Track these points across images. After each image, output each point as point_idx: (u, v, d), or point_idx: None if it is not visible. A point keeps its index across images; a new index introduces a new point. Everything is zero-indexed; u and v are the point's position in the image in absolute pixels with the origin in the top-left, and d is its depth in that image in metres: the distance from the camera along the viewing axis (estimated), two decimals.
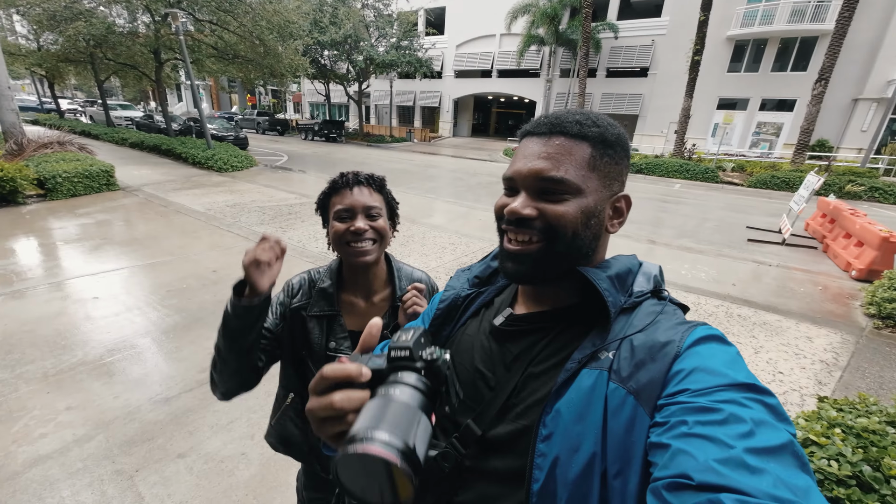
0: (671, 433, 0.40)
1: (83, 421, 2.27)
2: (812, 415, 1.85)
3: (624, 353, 0.50)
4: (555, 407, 0.51)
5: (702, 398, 0.41)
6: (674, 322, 0.51)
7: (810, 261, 5.99)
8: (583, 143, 0.55)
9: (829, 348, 3.50)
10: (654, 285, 0.59)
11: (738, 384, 0.41)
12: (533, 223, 0.55)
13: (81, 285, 3.98)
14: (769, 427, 0.37)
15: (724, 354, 0.46)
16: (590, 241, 0.57)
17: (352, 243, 0.98)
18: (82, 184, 7.50)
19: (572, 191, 0.54)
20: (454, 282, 0.75)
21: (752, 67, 18.27)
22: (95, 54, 13.71)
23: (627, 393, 0.47)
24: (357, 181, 1.01)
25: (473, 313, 0.70)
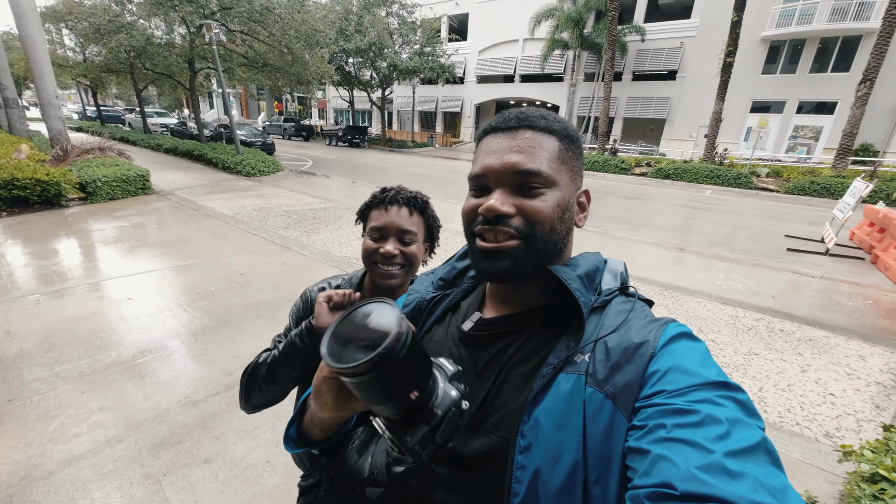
0: (650, 437, 0.40)
1: (115, 421, 2.31)
2: (879, 445, 1.68)
3: (599, 356, 0.49)
4: (532, 415, 0.49)
5: (678, 399, 0.41)
6: (645, 320, 0.51)
7: (858, 272, 5.61)
8: (550, 136, 0.55)
9: (886, 369, 3.23)
10: (620, 282, 0.59)
11: (711, 383, 0.42)
12: (510, 221, 0.52)
13: (117, 286, 4.12)
14: (743, 426, 0.38)
15: (695, 352, 0.46)
16: (564, 236, 0.56)
17: (379, 264, 0.95)
18: (120, 188, 7.84)
19: (549, 184, 0.53)
20: (417, 285, 0.72)
21: (789, 69, 17.50)
22: (135, 64, 14.45)
23: (605, 397, 0.46)
24: (396, 200, 0.97)
25: (439, 318, 0.66)
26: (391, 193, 0.97)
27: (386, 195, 0.97)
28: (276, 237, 5.92)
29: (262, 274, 4.56)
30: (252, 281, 4.36)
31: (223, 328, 3.40)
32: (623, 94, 21.61)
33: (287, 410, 2.43)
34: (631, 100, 21.61)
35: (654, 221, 8.08)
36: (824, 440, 2.41)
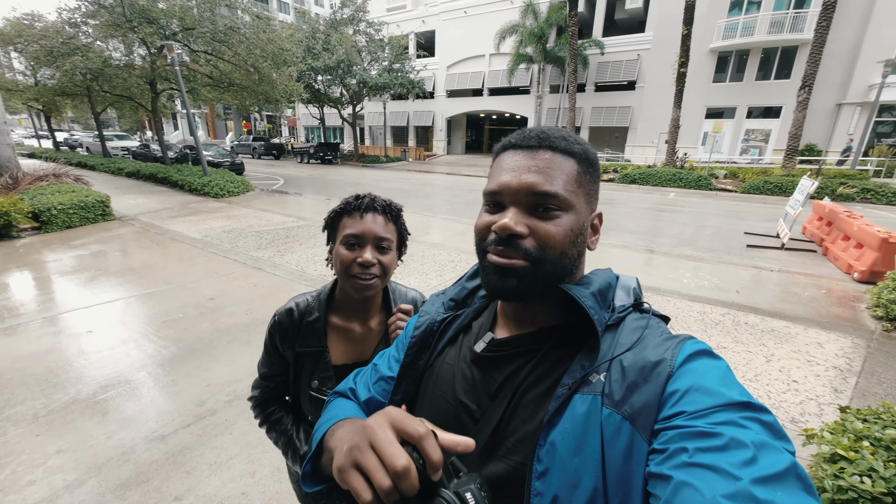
0: (671, 462, 0.38)
1: (74, 464, 2.16)
2: (837, 427, 1.78)
3: (615, 375, 0.47)
4: (549, 439, 0.47)
5: (699, 421, 0.39)
6: (661, 338, 0.49)
7: (811, 264, 5.97)
8: (570, 158, 0.54)
9: (841, 353, 3.43)
10: (634, 298, 0.58)
11: (734, 403, 0.40)
12: (522, 242, 0.52)
13: (75, 319, 3.89)
14: (770, 450, 0.36)
15: (716, 370, 0.44)
16: (575, 260, 0.55)
17: (356, 275, 0.93)
18: (77, 215, 7.46)
19: (564, 207, 0.52)
20: (428, 307, 0.70)
21: (737, 77, 18.72)
22: (92, 87, 13.91)
23: (623, 418, 0.44)
24: (373, 207, 0.94)
25: (451, 339, 0.65)
26: (366, 200, 0.95)
27: (361, 202, 0.94)
28: (247, 258, 5.76)
29: (234, 297, 4.42)
30: (223, 305, 4.21)
31: (192, 356, 3.25)
32: (587, 104, 22.49)
33: (263, 437, 2.34)
34: (595, 109, 22.50)
35: (624, 225, 8.36)
36: (790, 426, 2.53)
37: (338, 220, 0.96)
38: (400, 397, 0.64)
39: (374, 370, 0.71)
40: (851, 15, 15.66)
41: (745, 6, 17.70)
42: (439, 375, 0.62)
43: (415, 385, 0.65)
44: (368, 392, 0.68)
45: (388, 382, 0.67)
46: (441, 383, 0.61)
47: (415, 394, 0.65)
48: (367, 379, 0.71)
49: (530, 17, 20.48)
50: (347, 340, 1.02)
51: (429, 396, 0.62)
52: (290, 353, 1.01)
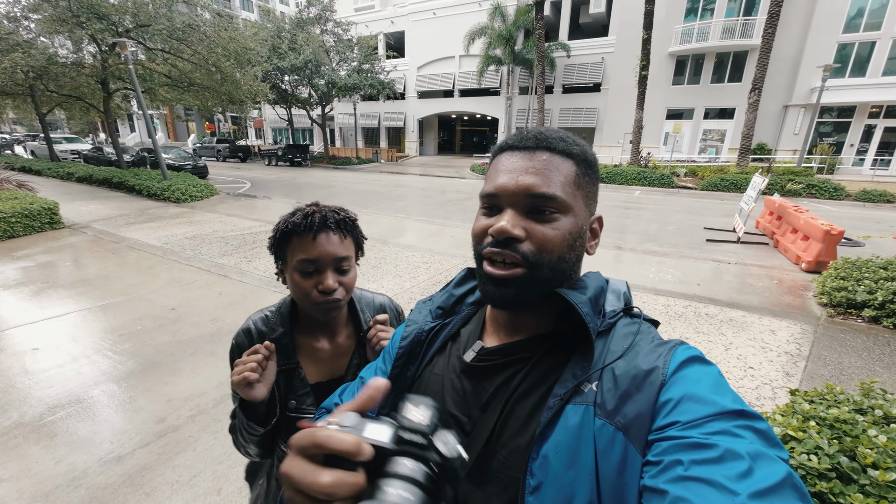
0: (666, 476, 0.37)
1: (17, 494, 2.00)
2: (787, 409, 1.89)
3: (607, 384, 0.46)
4: (541, 452, 0.46)
5: (694, 431, 0.39)
6: (652, 344, 0.49)
7: (764, 256, 6.34)
8: (568, 160, 0.53)
9: (792, 339, 3.66)
10: (624, 302, 0.57)
11: (727, 412, 0.40)
12: (519, 246, 0.50)
13: (18, 336, 3.61)
14: (765, 460, 0.36)
15: (708, 377, 0.44)
16: (573, 264, 0.54)
17: (318, 302, 0.85)
18: (21, 223, 6.92)
19: (562, 209, 0.51)
20: (415, 315, 0.68)
21: (694, 80, 19.67)
22: (36, 86, 12.96)
23: (616, 429, 0.43)
24: (325, 226, 0.84)
25: (439, 348, 0.63)
26: (317, 218, 0.84)
27: (311, 220, 0.84)
28: (211, 266, 5.53)
29: (197, 307, 4.22)
30: (185, 315, 4.01)
31: (152, 371, 3.08)
32: (556, 105, 23.04)
33: (229, 452, 2.25)
34: (563, 111, 23.08)
35: None
36: None
37: (286, 241, 0.86)
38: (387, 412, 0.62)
39: (361, 384, 0.69)
40: (794, 23, 16.80)
41: (699, 12, 18.63)
42: (428, 386, 0.60)
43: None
44: None
45: None
46: (430, 395, 0.58)
47: None
48: (354, 392, 0.68)
49: (498, 19, 20.76)
50: (317, 360, 0.95)
51: None
52: None
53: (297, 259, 0.85)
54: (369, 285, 4.79)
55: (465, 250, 6.44)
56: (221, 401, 2.72)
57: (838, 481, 1.48)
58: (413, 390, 0.62)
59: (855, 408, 1.85)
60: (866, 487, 1.43)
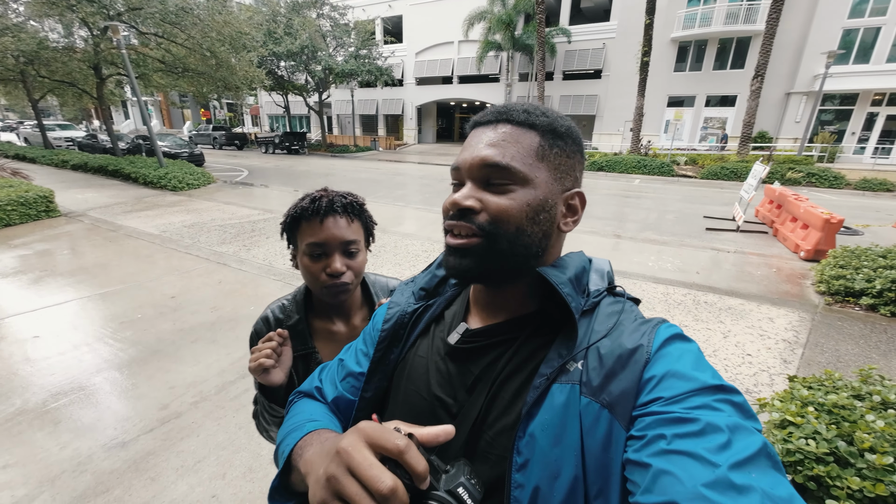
0: (650, 450, 0.39)
1: (24, 479, 2.02)
2: (786, 395, 1.91)
3: (592, 363, 0.47)
4: (528, 431, 0.46)
5: (676, 406, 0.40)
6: (636, 322, 0.50)
7: (763, 245, 6.36)
8: (530, 131, 0.52)
9: (790, 327, 3.69)
10: (608, 281, 0.57)
11: (707, 387, 0.41)
12: (475, 217, 0.51)
13: (18, 324, 3.60)
14: (743, 432, 0.38)
15: (689, 354, 0.45)
16: (539, 240, 0.52)
17: (327, 286, 0.86)
18: (17, 211, 6.86)
19: (518, 180, 0.50)
20: (398, 297, 0.67)
21: (696, 66, 19.42)
22: (27, 72, 12.71)
23: (601, 406, 0.44)
24: (332, 209, 0.86)
25: (423, 330, 0.63)
26: (324, 202, 0.86)
27: (318, 205, 0.85)
28: (210, 254, 5.51)
29: (197, 295, 4.22)
30: (185, 304, 4.01)
31: (153, 358, 3.09)
32: (556, 92, 22.75)
33: (232, 438, 2.27)
34: (563, 98, 22.81)
35: (592, 212, 8.58)
36: (745, 396, 2.70)
37: (295, 226, 0.88)
38: (370, 394, 0.61)
39: (340, 366, 0.68)
40: (798, 8, 16.52)
41: None
42: (412, 369, 0.60)
43: (386, 381, 0.62)
44: (336, 390, 0.65)
45: (358, 379, 0.63)
46: (414, 378, 0.59)
47: (386, 390, 0.62)
48: (334, 375, 0.67)
49: (498, 3, 20.35)
50: (334, 343, 0.97)
51: (402, 392, 0.60)
52: None
53: (305, 242, 0.86)
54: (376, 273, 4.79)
55: None
56: (223, 388, 2.74)
57: (836, 465, 1.50)
58: (396, 374, 0.62)
59: (853, 394, 1.87)
60: (863, 471, 1.45)
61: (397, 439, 0.34)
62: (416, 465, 0.34)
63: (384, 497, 0.32)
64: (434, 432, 0.39)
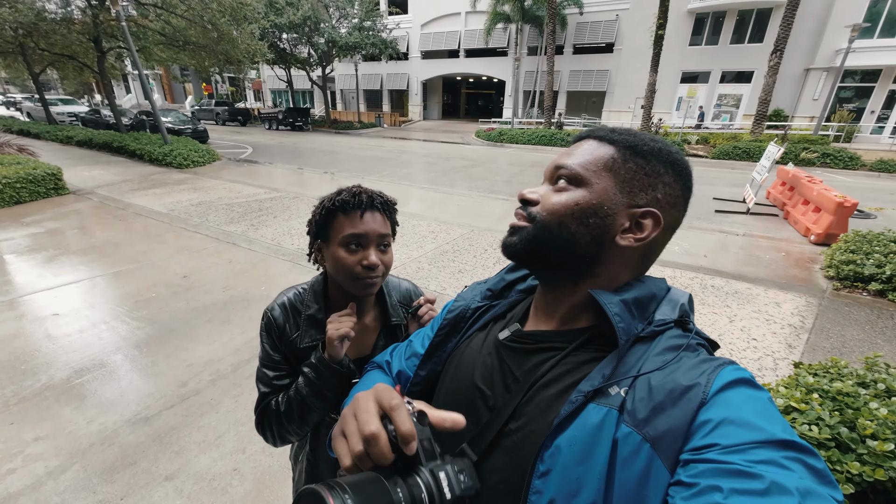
0: (702, 501, 0.35)
1: (55, 451, 2.13)
2: (791, 381, 1.95)
3: (640, 393, 0.45)
4: (555, 442, 0.47)
5: (735, 457, 0.36)
6: (698, 360, 0.46)
7: (773, 228, 6.29)
8: (608, 145, 0.56)
9: (796, 312, 3.70)
10: (679, 314, 0.54)
11: (776, 441, 0.37)
12: (531, 207, 0.56)
13: (38, 301, 3.70)
14: (817, 499, 0.33)
15: (755, 402, 0.41)
16: (586, 243, 0.53)
17: (360, 277, 0.88)
18: (26, 189, 6.91)
19: (575, 181, 0.54)
20: (466, 293, 0.72)
21: (712, 40, 18.69)
22: (26, 44, 12.49)
23: (643, 440, 0.42)
24: (372, 205, 0.89)
25: (482, 327, 0.66)
26: (364, 198, 0.88)
27: (359, 199, 0.88)
28: (219, 233, 5.55)
29: (208, 275, 4.29)
30: (197, 283, 4.08)
31: (170, 337, 3.18)
32: (565, 67, 22.07)
33: (251, 415, 2.36)
34: (573, 73, 22.15)
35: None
36: None
37: (331, 219, 0.89)
38: (424, 373, 0.68)
39: (409, 346, 0.76)
40: None
41: None
42: (462, 359, 0.64)
43: (440, 365, 0.68)
44: (400, 364, 0.74)
45: (418, 358, 0.70)
46: (462, 367, 0.62)
47: (439, 373, 0.68)
48: (402, 352, 0.76)
49: None
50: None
51: (449, 377, 0.64)
52: (290, 353, 0.97)
53: (343, 234, 0.87)
54: None
55: (471, 219, 6.41)
56: (239, 366, 2.83)
57: (836, 450, 1.54)
58: (449, 361, 0.67)
59: (858, 381, 1.90)
60: (864, 456, 1.49)
61: (392, 398, 0.39)
62: (400, 423, 0.37)
63: (367, 439, 0.36)
64: (442, 416, 0.43)
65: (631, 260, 0.55)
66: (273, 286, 3.98)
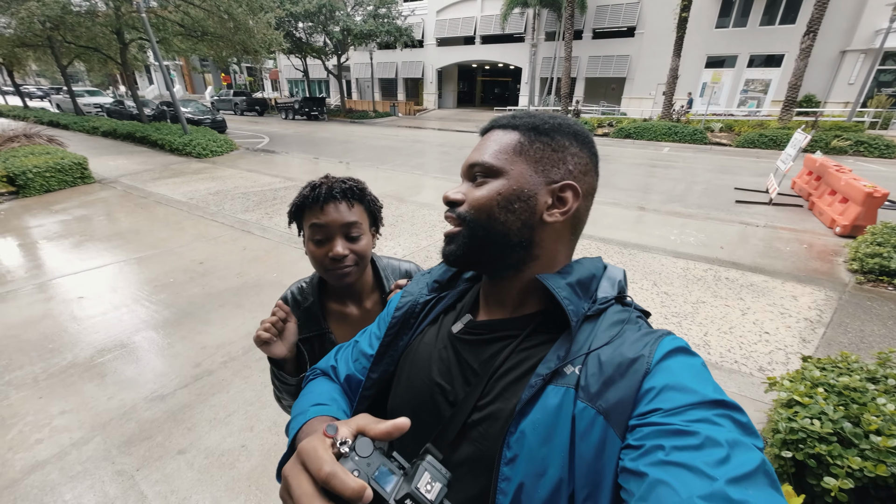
0: (647, 459, 0.39)
1: (79, 424, 2.27)
2: (796, 375, 1.90)
3: (591, 369, 0.47)
4: (519, 427, 0.48)
5: (675, 418, 0.40)
6: (639, 333, 0.49)
7: (797, 219, 6.06)
8: (512, 131, 0.57)
9: (814, 306, 3.59)
10: (618, 291, 0.57)
11: (708, 401, 0.41)
12: (458, 208, 0.57)
13: (65, 285, 3.90)
14: (742, 448, 0.38)
15: (691, 368, 0.45)
16: (517, 229, 0.54)
17: (330, 269, 0.90)
18: (55, 178, 7.22)
19: (491, 173, 0.55)
20: (412, 287, 0.71)
21: (741, 22, 17.83)
22: (53, 37, 12.89)
23: (597, 413, 0.45)
24: (331, 196, 0.88)
25: (433, 320, 0.66)
26: (323, 189, 0.89)
27: (318, 192, 0.88)
28: (235, 221, 5.70)
29: (224, 261, 4.42)
30: (213, 269, 4.22)
31: (186, 320, 3.31)
32: (584, 53, 21.46)
33: (259, 394, 2.46)
34: (592, 59, 21.52)
35: (615, 182, 8.32)
36: (757, 374, 2.70)
37: (300, 214, 0.93)
38: (377, 375, 0.65)
39: (355, 347, 0.72)
40: None
41: None
42: (417, 355, 0.63)
43: (393, 365, 0.66)
44: (348, 368, 0.70)
45: (368, 360, 0.68)
46: (418, 364, 0.62)
47: (393, 373, 0.66)
48: (348, 355, 0.72)
49: None
50: (346, 325, 1.02)
51: (405, 376, 0.63)
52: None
53: (309, 227, 0.90)
54: (387, 243, 4.87)
55: None
56: (249, 349, 2.93)
57: (838, 444, 1.51)
58: (402, 359, 0.65)
59: (868, 376, 1.84)
60: (866, 452, 1.46)
61: (324, 465, 0.34)
62: (343, 490, 0.33)
63: None
64: (385, 429, 0.40)
65: (562, 234, 0.57)
66: (285, 273, 4.09)
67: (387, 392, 0.66)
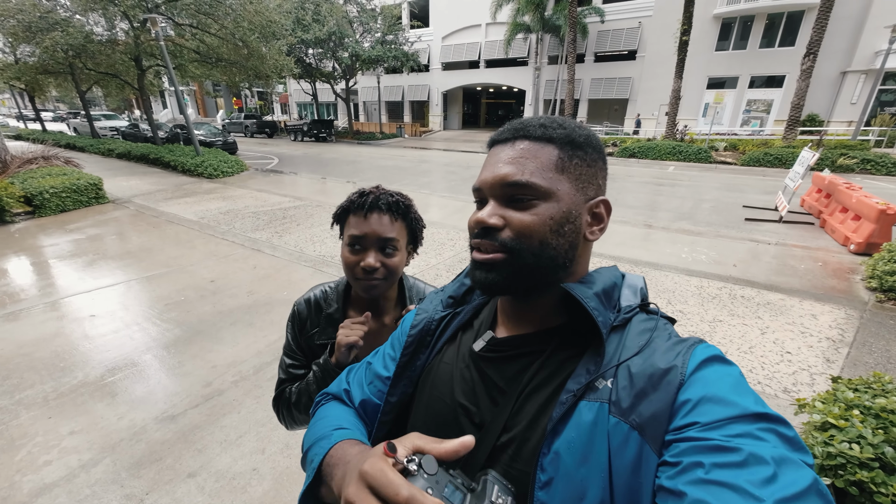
0: (686, 478, 0.37)
1: (88, 445, 2.22)
2: (828, 396, 1.83)
3: (622, 382, 0.45)
4: (553, 448, 0.45)
5: (714, 433, 0.38)
6: (670, 342, 0.47)
7: (808, 237, 6.00)
8: (548, 145, 0.52)
9: (835, 325, 3.50)
10: (640, 298, 0.56)
11: (750, 414, 0.39)
12: (499, 234, 0.51)
13: (77, 303, 3.91)
14: (791, 465, 0.35)
15: (728, 378, 0.43)
16: (565, 251, 0.52)
17: (359, 279, 0.90)
18: (71, 198, 7.37)
19: (541, 195, 0.50)
20: (427, 305, 0.68)
21: (740, 45, 18.20)
22: (75, 64, 13.42)
23: (631, 428, 0.42)
24: (377, 206, 0.89)
25: (450, 338, 0.63)
26: (370, 198, 0.89)
27: (365, 200, 0.89)
28: (245, 240, 5.74)
29: (234, 279, 4.43)
30: (223, 287, 4.22)
31: (197, 338, 3.29)
32: (587, 75, 21.93)
33: (271, 415, 2.40)
34: (594, 81, 21.96)
35: (623, 200, 8.33)
36: (783, 395, 2.61)
37: (344, 217, 0.93)
38: (396, 399, 0.62)
39: (368, 369, 0.68)
40: None
41: None
42: (437, 376, 0.60)
43: (412, 386, 0.62)
44: (363, 393, 0.66)
45: (384, 383, 0.64)
46: (439, 384, 0.59)
47: (411, 395, 0.62)
48: (362, 378, 0.68)
49: None
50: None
51: (426, 398, 0.60)
52: (307, 346, 0.99)
53: (348, 233, 0.90)
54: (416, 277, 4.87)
55: None
56: (261, 368, 2.89)
57: (881, 471, 1.44)
58: (422, 380, 0.62)
59: None
60: None
61: (400, 489, 0.34)
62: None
63: None
64: (453, 448, 0.39)
65: (590, 248, 0.57)
66: (295, 291, 4.07)
67: (404, 415, 0.63)
